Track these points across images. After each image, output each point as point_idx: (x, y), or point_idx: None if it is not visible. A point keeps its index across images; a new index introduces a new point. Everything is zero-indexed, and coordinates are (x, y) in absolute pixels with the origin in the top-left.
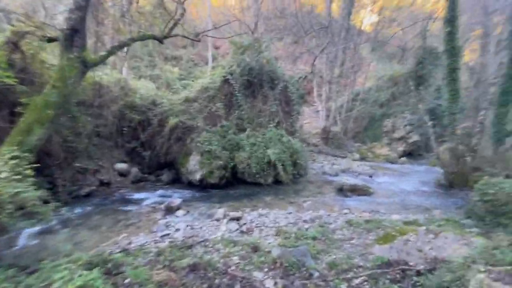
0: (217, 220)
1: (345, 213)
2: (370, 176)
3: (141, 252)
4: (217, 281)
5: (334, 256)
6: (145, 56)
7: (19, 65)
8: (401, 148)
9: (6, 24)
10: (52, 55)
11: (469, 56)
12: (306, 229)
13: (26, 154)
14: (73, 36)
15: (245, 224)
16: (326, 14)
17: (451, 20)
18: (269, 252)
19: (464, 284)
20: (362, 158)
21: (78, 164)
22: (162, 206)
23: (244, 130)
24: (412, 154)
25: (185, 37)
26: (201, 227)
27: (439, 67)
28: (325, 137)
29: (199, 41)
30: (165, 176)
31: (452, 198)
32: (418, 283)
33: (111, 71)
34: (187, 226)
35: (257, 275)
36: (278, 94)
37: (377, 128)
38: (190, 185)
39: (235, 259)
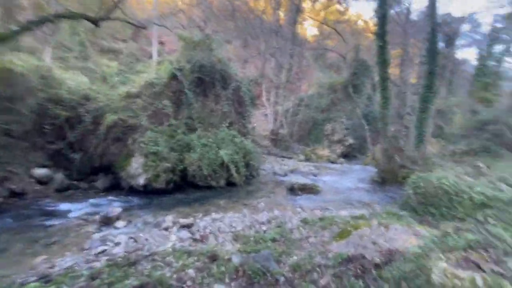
0: (166, 229)
1: (299, 212)
2: (315, 176)
3: (67, 277)
4: None
5: (296, 257)
6: (75, 46)
7: None
8: (339, 150)
9: None
10: None
11: (391, 71)
12: (264, 231)
13: None
14: None
15: (198, 231)
16: (274, 21)
17: (382, 35)
18: (229, 260)
19: (425, 273)
20: (307, 159)
21: None
22: (97, 217)
23: (194, 130)
24: (348, 155)
25: (128, 22)
26: (146, 239)
27: (369, 78)
28: (274, 139)
29: (144, 28)
30: (101, 181)
31: (386, 193)
32: (379, 277)
33: (28, 57)
34: (129, 238)
35: None
36: (230, 94)
37: (319, 131)
38: (132, 191)
39: (191, 272)
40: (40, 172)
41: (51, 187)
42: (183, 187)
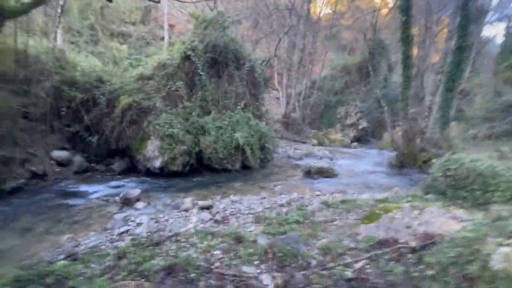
0: (185, 210)
1: (318, 195)
2: (331, 159)
3: (93, 256)
4: (202, 283)
5: (324, 240)
6: (85, 30)
7: None
8: (352, 133)
9: None
10: None
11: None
12: (286, 213)
13: None
14: None
15: (217, 212)
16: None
17: (406, 9)
18: (255, 241)
19: (481, 259)
20: (320, 143)
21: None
22: (118, 198)
23: (208, 112)
24: (361, 139)
25: None
26: (167, 220)
27: (386, 58)
28: (286, 122)
29: (158, 1)
30: (117, 164)
31: (406, 176)
32: (419, 261)
33: (41, 40)
34: (150, 219)
35: (248, 270)
36: (244, 75)
37: (331, 115)
38: (149, 173)
39: (218, 253)
40: (59, 154)
41: (70, 169)
42: (198, 170)
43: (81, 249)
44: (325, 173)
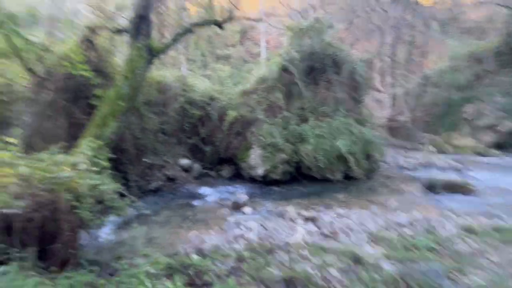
0: (291, 220)
1: (449, 216)
2: (459, 171)
3: (218, 254)
4: None
5: (476, 278)
6: (197, 57)
7: (93, 59)
8: (489, 138)
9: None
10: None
11: None
12: (412, 237)
13: (102, 147)
14: (140, 24)
15: (324, 225)
16: None
17: None
18: (379, 266)
19: None
20: (439, 151)
21: (146, 160)
22: (228, 202)
23: (306, 120)
24: (504, 145)
25: (246, 18)
26: (274, 228)
27: None
28: (391, 127)
29: (260, 20)
30: (225, 171)
31: None
32: None
33: (170, 70)
34: (259, 225)
35: None
36: (344, 79)
37: (454, 115)
38: (252, 180)
39: (334, 272)
40: (184, 162)
41: (191, 174)
42: (298, 179)
43: (206, 246)
44: (457, 189)
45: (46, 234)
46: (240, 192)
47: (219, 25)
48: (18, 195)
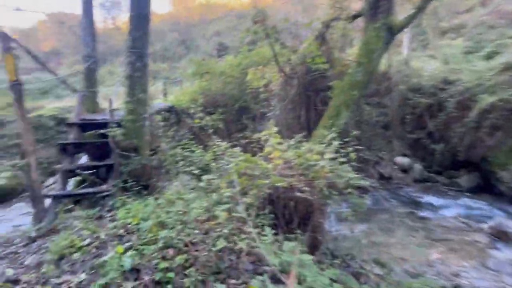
0: None
1: None
2: None
3: None
4: None
5: None
6: (416, 37)
7: (326, 52)
8: None
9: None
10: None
11: None
12: None
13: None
14: (378, 1)
15: None
16: None
17: None
18: None
19: None
20: None
21: (360, 155)
22: (484, 225)
23: None
24: None
25: None
26: None
27: None
28: None
29: None
30: (464, 179)
31: None
32: None
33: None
34: None
35: None
36: None
37: None
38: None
39: None
40: (401, 160)
41: (410, 176)
42: None
43: (465, 282)
44: None
45: (298, 217)
46: (498, 215)
47: None
48: (283, 175)
